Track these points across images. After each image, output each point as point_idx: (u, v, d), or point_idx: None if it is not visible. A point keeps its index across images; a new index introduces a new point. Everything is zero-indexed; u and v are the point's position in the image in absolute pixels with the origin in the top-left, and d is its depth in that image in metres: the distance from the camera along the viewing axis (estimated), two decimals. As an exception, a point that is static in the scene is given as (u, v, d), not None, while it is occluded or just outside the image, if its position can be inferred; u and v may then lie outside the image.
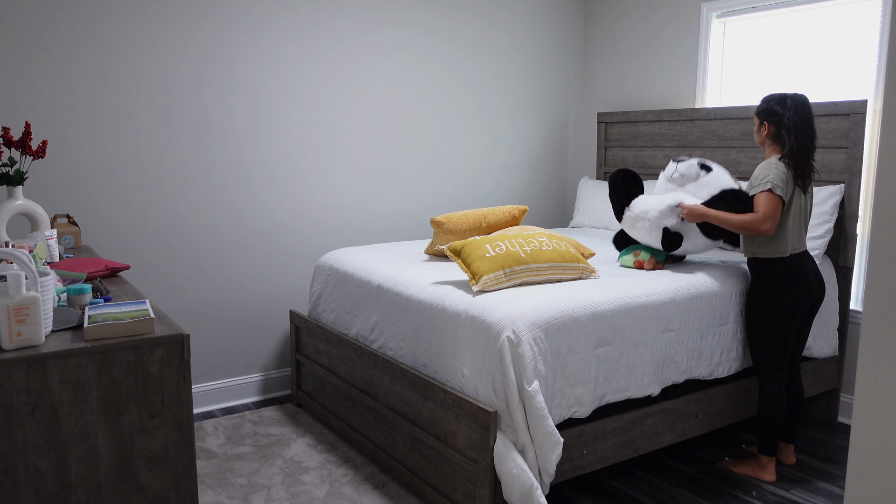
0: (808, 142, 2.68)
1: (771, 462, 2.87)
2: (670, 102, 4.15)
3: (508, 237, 2.72)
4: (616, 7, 4.44)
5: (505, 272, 2.58)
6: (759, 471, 2.88)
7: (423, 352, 2.67)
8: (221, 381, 3.61)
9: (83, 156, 3.13)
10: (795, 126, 2.67)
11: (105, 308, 1.79)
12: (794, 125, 2.66)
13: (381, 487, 2.76)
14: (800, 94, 2.71)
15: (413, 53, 3.99)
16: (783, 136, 2.69)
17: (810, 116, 2.69)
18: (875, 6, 3.28)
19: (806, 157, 2.68)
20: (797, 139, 2.66)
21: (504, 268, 2.58)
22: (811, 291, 2.76)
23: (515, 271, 2.59)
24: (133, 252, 3.30)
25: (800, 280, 2.73)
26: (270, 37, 3.51)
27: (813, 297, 2.79)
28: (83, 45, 3.06)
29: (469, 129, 4.28)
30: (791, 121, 2.67)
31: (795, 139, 2.66)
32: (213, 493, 2.71)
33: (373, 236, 4.01)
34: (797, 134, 2.67)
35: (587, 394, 2.44)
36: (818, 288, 2.81)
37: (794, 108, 2.67)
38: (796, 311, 2.76)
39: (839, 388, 3.44)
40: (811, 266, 2.79)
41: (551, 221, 4.75)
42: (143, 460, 1.69)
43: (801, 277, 2.74)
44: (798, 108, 2.67)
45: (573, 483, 2.84)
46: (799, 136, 2.66)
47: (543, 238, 2.76)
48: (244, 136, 3.50)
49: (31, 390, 1.54)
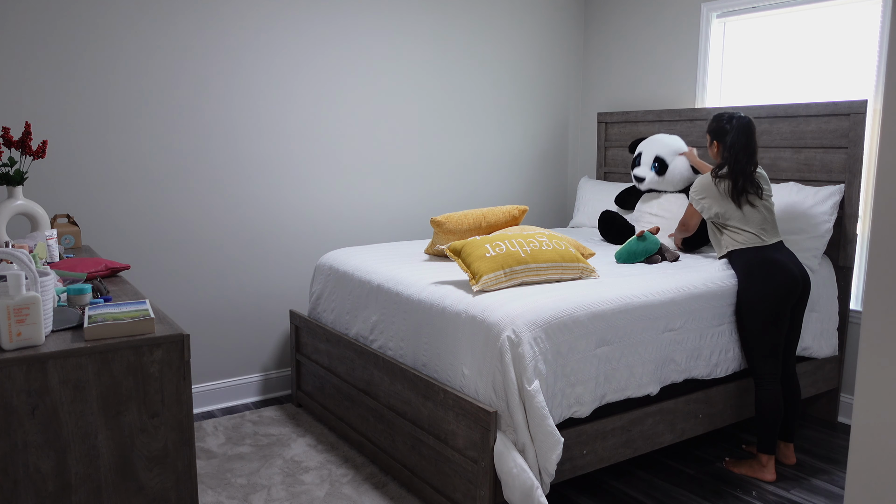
0: (746, 160, 2.88)
1: (771, 461, 2.87)
2: (670, 102, 4.15)
3: (508, 237, 2.72)
4: (616, 7, 4.44)
5: (505, 272, 2.58)
6: (760, 470, 2.88)
7: (423, 352, 2.67)
8: (221, 381, 3.61)
9: (83, 156, 3.13)
10: (733, 146, 2.89)
11: (105, 308, 1.79)
12: (732, 145, 2.89)
13: (381, 487, 2.77)
14: (744, 117, 2.92)
15: (413, 53, 3.99)
16: (725, 154, 2.92)
17: (750, 136, 2.89)
18: (875, 6, 3.28)
19: (744, 172, 2.88)
20: (733, 157, 2.89)
21: (504, 267, 2.58)
22: (796, 280, 2.80)
23: (515, 271, 2.59)
24: (133, 252, 3.30)
25: (779, 267, 2.79)
26: (271, 38, 3.51)
27: (799, 288, 2.81)
28: (83, 45, 3.06)
29: (469, 130, 4.28)
30: (731, 140, 2.89)
31: (731, 157, 2.89)
32: (213, 493, 2.71)
33: (373, 236, 4.01)
34: (735, 153, 2.89)
35: (587, 393, 2.44)
36: (803, 279, 2.85)
37: (736, 130, 2.89)
38: (784, 302, 2.79)
39: (839, 388, 3.44)
40: (791, 257, 2.86)
41: (551, 221, 4.75)
42: (143, 460, 1.69)
43: (780, 265, 2.80)
44: (739, 129, 2.89)
45: (573, 483, 2.84)
46: (735, 154, 2.89)
47: (543, 238, 2.76)
48: (244, 136, 3.50)
49: (31, 390, 1.54)
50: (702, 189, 2.98)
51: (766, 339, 2.80)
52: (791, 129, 3.46)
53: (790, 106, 3.44)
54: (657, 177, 3.61)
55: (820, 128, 3.35)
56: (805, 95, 3.57)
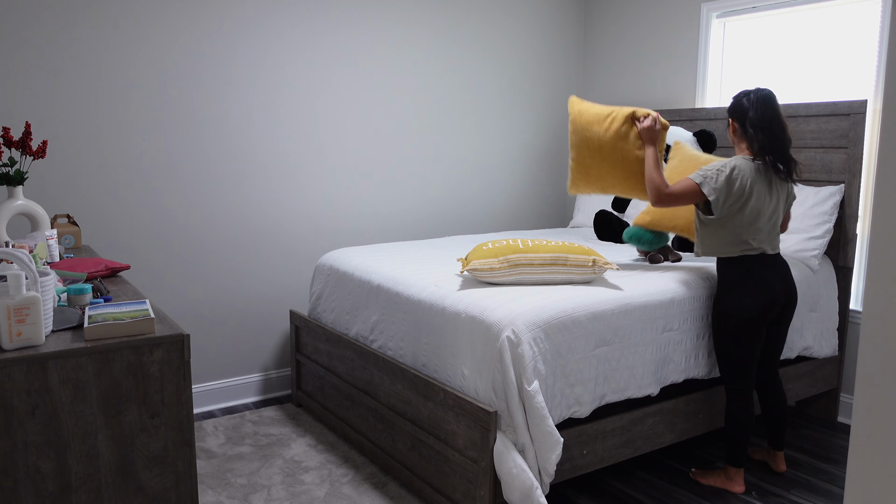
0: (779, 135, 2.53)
1: (739, 473, 2.75)
2: (670, 102, 4.15)
3: (516, 239, 2.71)
4: (616, 7, 4.44)
5: (499, 260, 2.57)
6: (727, 482, 2.77)
7: (423, 352, 2.67)
8: (221, 381, 3.61)
9: (83, 156, 3.13)
10: (761, 121, 2.53)
11: (105, 308, 1.79)
12: (759, 121, 2.53)
13: (381, 487, 2.77)
14: (763, 89, 2.58)
15: (413, 54, 3.99)
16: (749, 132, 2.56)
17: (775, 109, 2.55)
18: (875, 6, 3.28)
19: (782, 150, 2.55)
20: (765, 135, 2.53)
21: (498, 255, 2.58)
22: (775, 298, 2.60)
23: (510, 259, 2.58)
24: (133, 252, 3.30)
25: (761, 285, 2.58)
26: (270, 37, 3.51)
27: (779, 305, 2.63)
28: (84, 46, 3.06)
29: (469, 129, 4.28)
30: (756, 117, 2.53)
31: (764, 135, 2.53)
32: (213, 493, 2.71)
33: (373, 236, 4.01)
34: (764, 129, 2.53)
35: (587, 394, 2.44)
36: (787, 295, 2.64)
37: (757, 104, 2.54)
38: (759, 320, 2.60)
39: (839, 388, 3.44)
40: (780, 271, 2.63)
41: (551, 221, 4.75)
42: (143, 460, 1.69)
43: (763, 282, 2.58)
44: (761, 104, 2.54)
45: (573, 483, 2.84)
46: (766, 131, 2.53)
47: (552, 240, 2.73)
48: (244, 136, 3.50)
49: (31, 390, 1.54)
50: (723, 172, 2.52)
51: (735, 356, 2.64)
52: (791, 129, 3.46)
53: (790, 106, 3.44)
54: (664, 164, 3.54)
55: (820, 128, 3.35)
56: (805, 95, 3.57)
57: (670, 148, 3.00)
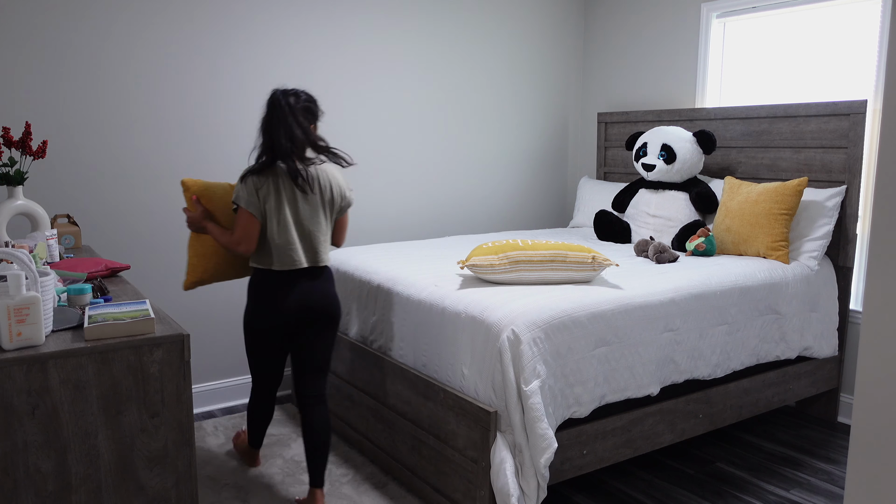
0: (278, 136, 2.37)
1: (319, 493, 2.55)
2: (670, 102, 4.15)
3: (516, 239, 2.73)
4: (616, 7, 4.44)
5: (499, 256, 2.60)
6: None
7: (423, 352, 2.67)
8: (221, 381, 3.61)
9: (83, 156, 3.13)
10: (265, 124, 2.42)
11: (105, 308, 1.79)
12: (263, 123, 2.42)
13: (381, 487, 2.76)
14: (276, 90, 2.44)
15: (413, 54, 3.99)
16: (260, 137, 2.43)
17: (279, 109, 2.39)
18: (875, 6, 3.28)
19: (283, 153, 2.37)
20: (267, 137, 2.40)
21: (498, 252, 2.61)
22: (277, 315, 2.42)
23: (510, 256, 2.60)
24: (133, 252, 3.30)
25: (265, 300, 2.42)
26: (273, 37, 3.51)
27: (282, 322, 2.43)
28: (84, 46, 3.06)
29: (469, 130, 4.28)
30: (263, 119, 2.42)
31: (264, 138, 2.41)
32: (213, 493, 2.71)
33: (373, 236, 4.01)
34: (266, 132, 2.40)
35: (587, 394, 2.44)
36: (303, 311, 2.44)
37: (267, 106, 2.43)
38: (261, 334, 2.48)
39: (839, 388, 3.44)
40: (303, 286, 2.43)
41: (551, 221, 4.75)
42: (143, 460, 1.69)
43: (267, 297, 2.42)
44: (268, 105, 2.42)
45: (573, 483, 2.84)
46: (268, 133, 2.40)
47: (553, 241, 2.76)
48: (244, 136, 3.50)
49: (31, 390, 1.54)
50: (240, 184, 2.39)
51: (251, 363, 2.61)
52: (791, 129, 3.46)
53: (790, 106, 3.44)
54: (666, 165, 3.59)
55: (820, 128, 3.35)
56: (805, 95, 3.57)
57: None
